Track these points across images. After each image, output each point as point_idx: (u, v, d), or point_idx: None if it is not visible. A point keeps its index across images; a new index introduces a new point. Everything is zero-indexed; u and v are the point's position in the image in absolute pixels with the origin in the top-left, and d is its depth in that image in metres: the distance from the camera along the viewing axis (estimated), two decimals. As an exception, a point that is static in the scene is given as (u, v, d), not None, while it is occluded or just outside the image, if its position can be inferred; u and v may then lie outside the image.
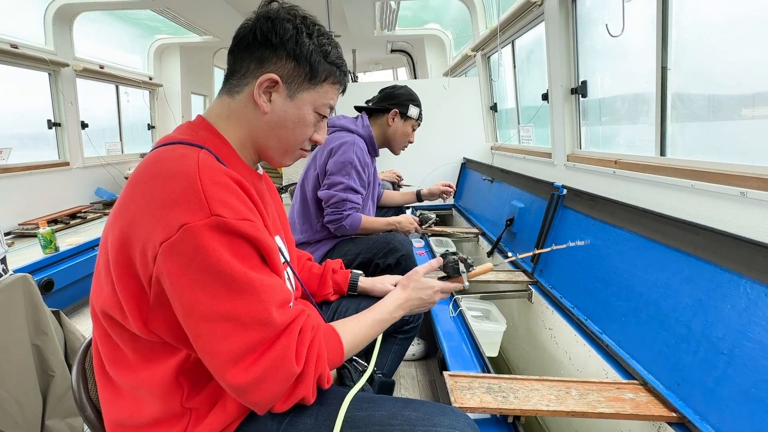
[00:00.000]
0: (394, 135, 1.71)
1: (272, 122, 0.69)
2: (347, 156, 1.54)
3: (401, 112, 1.68)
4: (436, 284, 0.89)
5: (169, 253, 0.52)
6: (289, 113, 0.69)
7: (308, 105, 0.70)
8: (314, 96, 0.70)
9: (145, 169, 0.59)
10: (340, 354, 0.69)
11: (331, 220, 1.54)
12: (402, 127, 1.71)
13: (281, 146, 0.72)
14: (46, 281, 2.13)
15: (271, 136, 0.70)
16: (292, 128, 0.70)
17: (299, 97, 0.69)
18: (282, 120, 0.69)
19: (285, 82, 0.67)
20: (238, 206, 0.56)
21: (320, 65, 0.68)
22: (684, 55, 1.30)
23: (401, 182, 2.67)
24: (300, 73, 0.68)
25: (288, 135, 0.70)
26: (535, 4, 2.00)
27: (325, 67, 0.69)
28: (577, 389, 0.97)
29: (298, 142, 0.72)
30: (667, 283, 1.02)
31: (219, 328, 0.54)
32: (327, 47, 0.69)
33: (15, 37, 2.92)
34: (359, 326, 0.75)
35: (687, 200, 1.19)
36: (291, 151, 0.73)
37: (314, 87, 0.69)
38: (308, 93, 0.69)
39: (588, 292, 1.34)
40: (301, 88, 0.69)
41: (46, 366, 1.26)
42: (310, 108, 0.70)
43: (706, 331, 0.87)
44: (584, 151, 1.94)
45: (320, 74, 0.69)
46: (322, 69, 0.69)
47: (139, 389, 0.61)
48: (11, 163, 2.91)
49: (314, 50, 0.67)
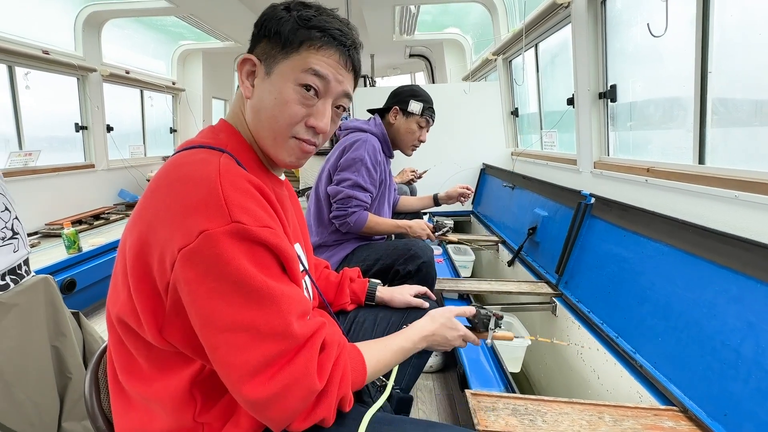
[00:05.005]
0: (397, 133, 1.66)
1: (254, 106, 0.64)
2: (358, 153, 1.51)
3: (401, 109, 1.64)
4: (462, 329, 0.85)
5: (187, 261, 0.50)
6: (266, 91, 0.63)
7: (285, 78, 0.62)
8: (290, 66, 0.62)
9: (166, 173, 0.57)
10: (362, 377, 0.65)
11: (336, 215, 1.51)
12: (405, 124, 1.65)
13: (269, 134, 0.64)
14: (68, 281, 2.17)
15: (257, 122, 0.65)
16: (270, 108, 0.62)
17: (275, 72, 0.62)
18: (261, 101, 0.63)
19: (262, 60, 0.63)
20: (258, 213, 0.54)
21: (295, 33, 0.62)
22: (727, 57, 1.22)
23: (420, 174, 2.52)
24: (274, 46, 0.63)
25: (268, 117, 0.63)
26: (562, 5, 1.94)
27: (303, 33, 0.62)
28: (610, 414, 0.90)
29: (283, 127, 0.63)
30: (712, 302, 0.94)
31: (237, 339, 0.51)
32: (308, 14, 0.62)
33: (47, 43, 3.03)
34: (384, 351, 0.72)
35: (730, 212, 1.11)
36: (280, 138, 0.64)
37: (288, 56, 0.62)
38: (283, 64, 0.62)
39: (619, 308, 1.26)
40: (275, 61, 0.62)
41: (64, 368, 1.27)
42: (289, 80, 0.62)
43: (759, 357, 0.80)
44: (612, 158, 1.86)
45: (295, 41, 0.62)
46: (296, 36, 0.62)
47: (151, 401, 0.59)
48: (40, 165, 3.00)
49: (289, 20, 0.62)
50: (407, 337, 0.77)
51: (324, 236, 1.59)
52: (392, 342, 0.74)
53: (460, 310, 0.87)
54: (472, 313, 0.90)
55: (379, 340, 0.74)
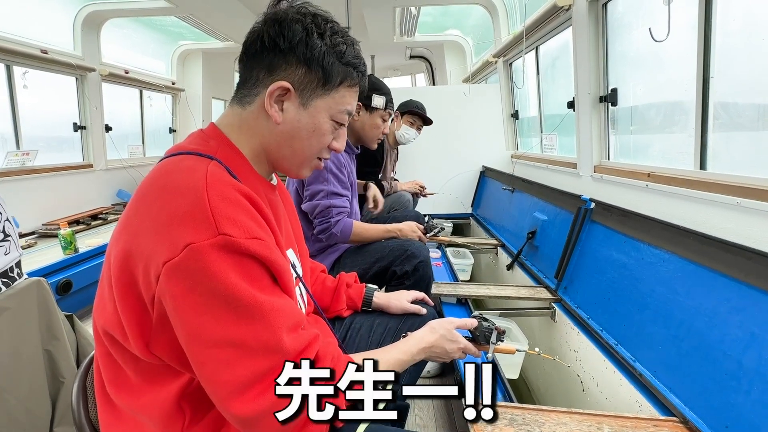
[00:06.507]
0: (362, 129, 1.63)
1: (285, 133, 0.64)
2: None
3: (364, 105, 1.60)
4: (463, 341, 0.83)
5: (172, 274, 0.48)
6: (303, 123, 0.64)
7: (323, 113, 0.64)
8: (329, 102, 0.64)
9: (152, 181, 0.55)
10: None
11: (320, 230, 1.47)
12: (369, 120, 1.62)
13: (297, 158, 0.67)
14: (64, 282, 2.16)
15: (285, 147, 0.65)
16: (307, 138, 0.65)
17: (313, 105, 0.63)
18: (296, 130, 0.64)
19: (297, 89, 0.62)
20: (247, 224, 0.53)
21: (334, 68, 0.63)
22: (729, 61, 1.20)
23: (425, 192, 2.59)
24: (313, 79, 0.62)
25: (303, 146, 0.65)
26: (563, 8, 1.93)
27: (340, 69, 0.63)
28: (609, 425, 0.88)
29: (315, 153, 0.67)
30: (714, 311, 0.92)
31: (224, 354, 0.50)
32: (341, 47, 0.63)
33: (46, 43, 3.01)
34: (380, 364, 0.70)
35: (732, 219, 1.09)
36: (307, 162, 0.68)
37: (329, 92, 0.64)
38: (323, 100, 0.64)
39: (618, 315, 1.25)
40: (315, 95, 0.63)
41: (57, 372, 1.25)
42: (326, 116, 0.65)
43: (761, 368, 0.78)
44: (613, 162, 1.84)
45: (335, 78, 0.63)
46: (336, 72, 0.63)
47: (140, 413, 0.58)
48: (37, 165, 2.98)
49: (327, 51, 0.62)
50: (405, 350, 0.75)
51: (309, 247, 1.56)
52: (389, 355, 0.73)
53: (461, 322, 0.85)
54: (473, 325, 0.88)
55: (376, 353, 0.73)
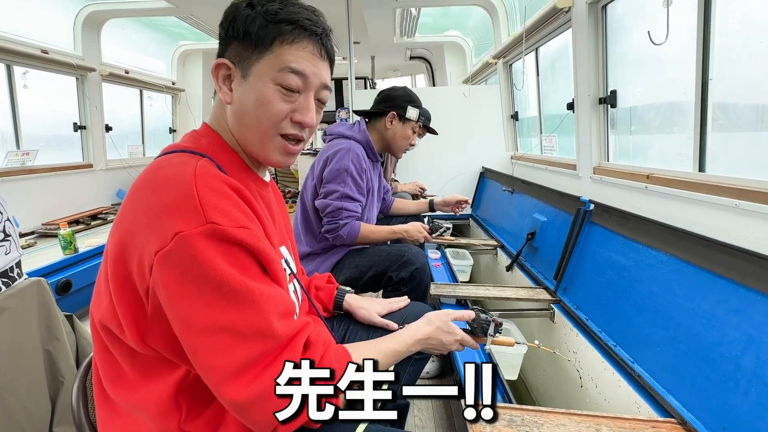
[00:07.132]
0: (393, 138, 1.64)
1: (236, 111, 0.63)
2: (342, 163, 1.49)
3: (399, 115, 1.62)
4: (460, 333, 0.83)
5: (163, 263, 0.49)
6: (246, 95, 0.61)
7: (263, 77, 0.60)
8: (265, 65, 0.60)
9: (144, 178, 0.57)
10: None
11: (328, 229, 1.49)
12: (401, 130, 1.63)
13: (254, 136, 0.63)
14: (64, 282, 2.16)
15: (241, 126, 0.64)
16: (253, 110, 0.61)
17: (251, 73, 0.61)
18: (243, 104, 0.62)
19: (237, 64, 0.61)
20: (235, 213, 0.53)
21: (263, 30, 0.60)
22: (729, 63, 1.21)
23: (425, 194, 2.59)
24: (246, 47, 0.60)
25: (252, 120, 0.62)
26: (562, 10, 1.93)
27: (271, 28, 0.60)
28: (608, 426, 0.89)
29: (269, 127, 0.62)
30: (712, 313, 0.92)
31: (217, 340, 0.51)
32: (272, 7, 0.60)
33: (46, 43, 3.02)
34: (374, 353, 0.70)
35: (731, 221, 1.10)
36: (267, 139, 0.63)
37: (263, 54, 0.60)
38: (259, 64, 0.60)
39: (617, 317, 1.25)
40: (250, 62, 0.61)
41: (56, 372, 1.25)
42: (267, 80, 0.60)
43: (759, 370, 0.78)
44: (612, 163, 1.85)
45: (266, 38, 0.60)
46: (267, 33, 0.60)
47: (137, 408, 0.59)
48: (37, 164, 2.98)
49: (254, 17, 0.60)
50: (400, 341, 0.75)
51: (314, 245, 1.56)
52: (383, 344, 0.73)
53: (458, 314, 0.86)
54: (471, 317, 0.88)
55: (370, 342, 0.73)
